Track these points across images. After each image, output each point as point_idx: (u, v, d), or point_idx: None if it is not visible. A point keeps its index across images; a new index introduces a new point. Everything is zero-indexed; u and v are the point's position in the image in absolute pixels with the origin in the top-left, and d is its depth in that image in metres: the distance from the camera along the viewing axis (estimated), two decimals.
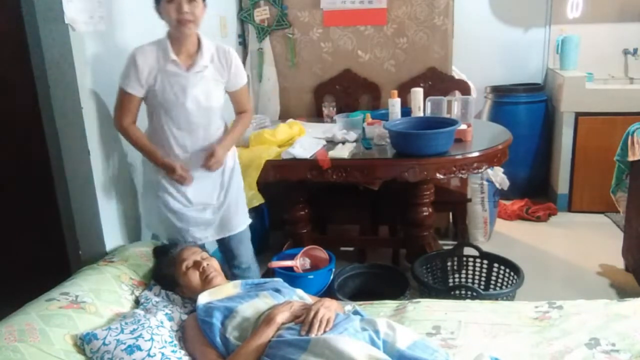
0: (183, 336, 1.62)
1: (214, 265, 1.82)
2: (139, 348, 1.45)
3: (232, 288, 1.76)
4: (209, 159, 2.00)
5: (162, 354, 1.48)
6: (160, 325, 1.57)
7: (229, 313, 1.60)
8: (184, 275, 1.78)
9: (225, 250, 2.27)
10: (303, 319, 1.53)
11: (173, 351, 1.52)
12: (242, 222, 2.22)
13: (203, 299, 1.68)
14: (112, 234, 2.04)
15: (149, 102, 1.98)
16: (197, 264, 1.80)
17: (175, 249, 1.90)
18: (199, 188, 2.06)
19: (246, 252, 2.29)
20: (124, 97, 1.93)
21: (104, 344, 1.45)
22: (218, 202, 2.12)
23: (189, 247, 1.91)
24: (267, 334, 1.50)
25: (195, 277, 1.78)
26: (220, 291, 1.73)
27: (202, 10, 1.92)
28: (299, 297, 1.74)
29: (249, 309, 1.61)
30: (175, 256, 1.84)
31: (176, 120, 1.98)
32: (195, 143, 2.02)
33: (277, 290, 1.72)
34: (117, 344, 1.45)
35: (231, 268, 2.27)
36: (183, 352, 1.56)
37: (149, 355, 1.45)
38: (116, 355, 1.43)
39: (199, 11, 1.90)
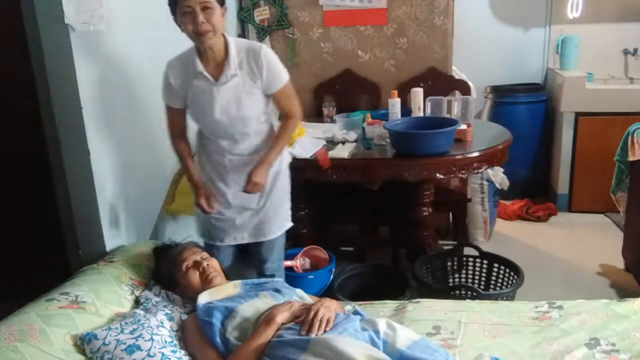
0: (183, 336, 1.62)
1: (214, 265, 1.82)
2: (139, 348, 1.45)
3: (232, 288, 1.76)
4: (247, 184, 1.92)
5: (162, 354, 1.48)
6: (160, 325, 1.57)
7: (228, 313, 1.60)
8: (184, 276, 1.77)
9: (256, 254, 2.18)
10: (303, 319, 1.53)
11: (173, 351, 1.52)
12: (278, 229, 2.12)
13: (203, 299, 1.68)
14: (112, 234, 2.04)
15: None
16: (197, 264, 1.79)
17: (175, 249, 1.89)
18: (239, 191, 2.00)
19: (274, 260, 2.19)
20: (167, 110, 1.99)
21: (104, 344, 1.45)
22: (258, 206, 2.06)
23: (189, 247, 1.90)
24: (267, 334, 1.50)
25: (195, 277, 1.77)
26: (220, 291, 1.73)
27: (221, 16, 1.82)
28: (299, 297, 1.74)
29: (249, 309, 1.61)
30: (175, 256, 1.83)
31: (210, 130, 1.96)
32: (235, 148, 1.97)
33: (277, 290, 1.72)
34: (117, 344, 1.45)
35: (257, 273, 2.22)
36: (183, 352, 1.56)
37: (148, 355, 1.45)
38: (116, 355, 1.43)
39: (217, 19, 1.79)
